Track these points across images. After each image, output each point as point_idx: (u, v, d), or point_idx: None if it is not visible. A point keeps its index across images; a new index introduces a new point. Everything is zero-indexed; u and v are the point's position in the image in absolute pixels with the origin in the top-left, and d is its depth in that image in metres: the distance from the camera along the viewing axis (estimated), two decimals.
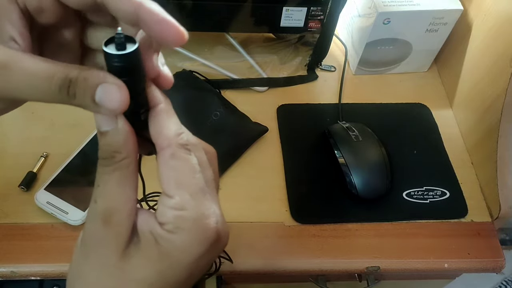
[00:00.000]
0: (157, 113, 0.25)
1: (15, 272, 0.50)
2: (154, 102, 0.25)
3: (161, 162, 0.25)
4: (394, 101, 0.69)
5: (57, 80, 0.22)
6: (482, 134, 0.60)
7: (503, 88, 0.55)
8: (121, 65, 0.22)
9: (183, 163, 0.25)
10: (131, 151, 0.24)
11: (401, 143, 0.63)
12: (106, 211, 0.24)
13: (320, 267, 0.54)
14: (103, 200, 0.24)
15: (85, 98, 0.22)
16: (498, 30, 0.57)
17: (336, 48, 0.74)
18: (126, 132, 0.24)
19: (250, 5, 0.61)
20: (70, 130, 0.60)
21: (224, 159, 0.59)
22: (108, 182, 0.24)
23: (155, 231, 0.24)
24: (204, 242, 0.25)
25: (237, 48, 0.70)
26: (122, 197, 0.24)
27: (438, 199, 0.59)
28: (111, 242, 0.24)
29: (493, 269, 0.55)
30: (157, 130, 0.25)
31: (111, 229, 0.24)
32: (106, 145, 0.24)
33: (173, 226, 0.24)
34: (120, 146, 0.24)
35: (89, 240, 0.25)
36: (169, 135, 0.25)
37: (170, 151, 0.25)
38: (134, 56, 0.23)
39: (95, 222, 0.24)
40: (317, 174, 0.60)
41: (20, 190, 0.55)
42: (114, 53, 0.22)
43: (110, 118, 0.24)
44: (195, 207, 0.24)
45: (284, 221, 0.56)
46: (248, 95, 0.68)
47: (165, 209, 0.24)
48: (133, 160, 0.25)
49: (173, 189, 0.24)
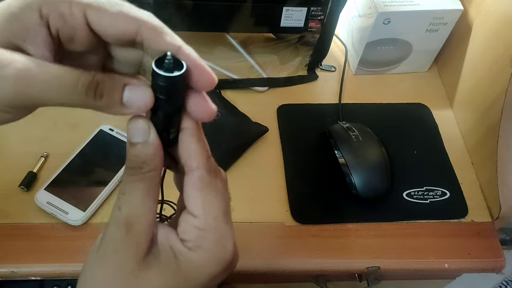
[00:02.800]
0: (189, 135, 0.26)
1: (15, 272, 0.50)
2: (187, 124, 0.26)
3: (189, 183, 0.26)
4: (394, 101, 0.69)
5: (83, 82, 0.23)
6: (482, 134, 0.60)
7: (503, 88, 0.55)
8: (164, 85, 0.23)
9: (210, 187, 0.26)
10: (158, 164, 0.26)
11: (401, 143, 0.63)
12: (129, 219, 0.25)
13: (320, 267, 0.54)
14: (127, 208, 0.25)
15: (113, 98, 0.23)
16: (498, 30, 0.57)
17: (336, 48, 0.74)
18: (156, 146, 0.25)
19: (250, 5, 0.61)
20: (70, 130, 0.60)
21: (224, 159, 0.59)
22: (133, 191, 0.25)
23: (176, 247, 0.26)
24: (221, 263, 0.26)
25: (237, 48, 0.70)
26: (145, 207, 0.25)
27: (438, 199, 0.59)
28: (131, 250, 0.25)
29: (493, 269, 0.55)
30: (188, 152, 0.26)
31: (132, 237, 0.25)
32: (135, 156, 0.25)
33: (194, 244, 0.25)
34: (148, 158, 0.25)
35: (108, 245, 0.25)
36: (199, 158, 0.26)
37: (199, 174, 0.26)
38: (179, 80, 0.24)
39: (117, 229, 0.25)
40: (317, 174, 0.60)
41: (20, 190, 0.55)
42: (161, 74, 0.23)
43: (143, 131, 0.25)
44: (218, 229, 0.26)
45: (284, 221, 0.56)
46: (248, 95, 0.68)
47: (189, 227, 0.26)
48: (158, 174, 0.26)
49: (199, 210, 0.26)
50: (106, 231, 0.26)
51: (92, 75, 0.23)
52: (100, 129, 0.59)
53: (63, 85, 0.22)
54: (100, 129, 0.59)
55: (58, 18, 0.24)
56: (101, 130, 0.59)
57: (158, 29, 0.24)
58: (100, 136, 0.59)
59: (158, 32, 0.24)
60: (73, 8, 0.24)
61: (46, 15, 0.24)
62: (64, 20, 0.24)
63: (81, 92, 0.23)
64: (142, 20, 0.24)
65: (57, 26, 0.24)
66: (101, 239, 0.26)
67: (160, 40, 0.24)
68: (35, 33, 0.24)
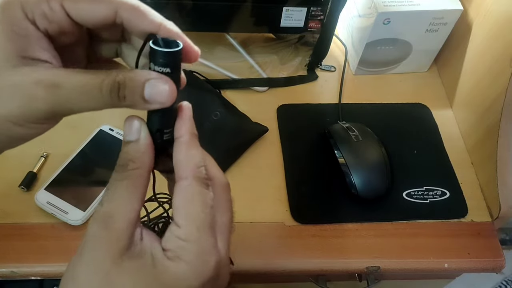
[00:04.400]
0: (181, 143, 0.26)
1: (15, 272, 0.50)
2: (181, 132, 0.26)
3: (176, 191, 0.26)
4: (394, 101, 0.69)
5: (106, 86, 0.23)
6: (482, 134, 0.60)
7: (503, 88, 0.55)
8: (166, 61, 0.24)
9: (196, 196, 0.26)
10: (145, 163, 0.26)
11: (401, 143, 0.63)
12: (109, 214, 0.25)
13: (320, 267, 0.54)
14: (108, 204, 0.25)
15: (135, 97, 0.24)
16: (498, 30, 0.57)
17: (336, 48, 0.74)
18: (145, 145, 0.25)
19: (250, 5, 0.61)
20: (70, 130, 0.60)
21: (224, 159, 0.59)
22: (117, 188, 0.25)
23: (156, 254, 0.25)
24: (199, 277, 0.25)
25: (237, 48, 0.70)
26: (127, 205, 0.25)
27: (438, 199, 0.59)
28: (107, 246, 0.24)
29: (493, 269, 0.55)
30: (178, 160, 0.26)
31: (110, 234, 0.24)
32: (124, 153, 0.25)
33: (173, 254, 0.25)
34: (136, 156, 0.25)
35: (87, 241, 0.25)
36: (188, 167, 0.26)
37: (187, 182, 0.26)
38: (179, 55, 0.25)
39: (96, 224, 0.25)
40: (317, 174, 0.60)
41: (20, 190, 0.55)
42: (162, 50, 0.24)
43: (136, 130, 0.25)
44: (199, 241, 0.25)
45: (284, 221, 0.56)
46: (248, 95, 0.68)
47: (171, 237, 0.25)
48: (144, 173, 0.26)
49: (182, 219, 0.25)
50: (88, 228, 0.25)
51: (113, 76, 0.23)
52: (100, 129, 0.59)
53: (89, 94, 0.23)
54: (100, 129, 0.59)
55: (42, 18, 0.24)
56: (101, 130, 0.59)
57: (136, 9, 0.25)
58: (100, 136, 0.59)
59: (136, 11, 0.25)
60: (51, 4, 0.24)
61: (33, 19, 0.24)
62: (48, 18, 0.25)
63: (106, 97, 0.23)
64: (119, 1, 0.25)
65: (44, 26, 0.25)
66: (83, 237, 0.26)
67: (140, 19, 0.25)
68: (37, 40, 0.25)
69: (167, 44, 0.24)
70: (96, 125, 0.59)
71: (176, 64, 0.25)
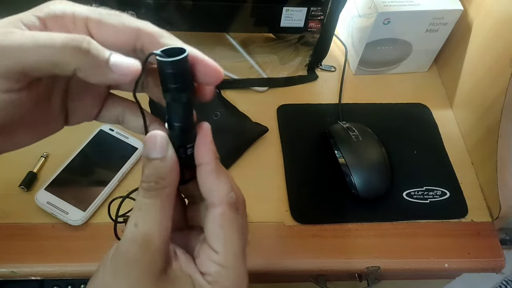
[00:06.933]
0: (209, 171, 0.26)
1: (16, 272, 0.50)
2: (206, 159, 0.26)
3: (210, 218, 0.26)
4: (394, 101, 0.69)
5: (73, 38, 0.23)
6: (482, 134, 0.60)
7: (503, 88, 0.55)
8: (172, 71, 0.24)
9: (231, 224, 0.26)
10: (173, 181, 0.26)
11: (401, 143, 0.63)
12: (147, 236, 0.25)
13: (320, 267, 0.54)
14: (144, 225, 0.25)
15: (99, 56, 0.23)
16: (498, 30, 0.57)
17: (336, 48, 0.74)
18: (173, 162, 0.25)
19: (250, 5, 0.61)
20: (70, 130, 0.59)
21: (224, 159, 0.58)
22: (150, 208, 0.25)
23: (196, 278, 0.26)
24: None
25: (237, 48, 0.70)
26: (162, 225, 0.25)
27: (438, 199, 0.59)
28: (147, 267, 0.25)
29: (493, 269, 0.55)
30: (208, 188, 0.26)
31: (149, 255, 0.25)
32: (150, 170, 0.25)
33: (213, 279, 0.26)
34: (165, 173, 0.25)
35: (123, 260, 0.25)
36: (220, 195, 0.26)
37: (221, 210, 0.26)
38: (184, 62, 0.24)
39: (133, 245, 0.25)
40: (317, 174, 0.60)
41: (20, 190, 0.55)
42: (167, 60, 0.24)
43: (161, 146, 0.25)
44: (236, 267, 0.26)
45: (284, 221, 0.56)
46: (248, 95, 0.68)
47: (209, 262, 0.26)
48: (173, 190, 0.26)
49: (220, 246, 0.26)
50: (120, 246, 0.25)
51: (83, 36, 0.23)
52: (100, 129, 0.59)
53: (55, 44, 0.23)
54: (100, 129, 0.59)
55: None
56: (101, 130, 0.59)
57: (156, 33, 0.25)
58: (100, 136, 0.59)
59: (157, 36, 0.25)
60: (76, 23, 0.25)
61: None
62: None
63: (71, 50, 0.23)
64: (141, 27, 0.25)
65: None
66: (114, 253, 0.26)
67: (159, 43, 0.25)
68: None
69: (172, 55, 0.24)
70: (96, 125, 0.59)
71: (181, 73, 0.25)
